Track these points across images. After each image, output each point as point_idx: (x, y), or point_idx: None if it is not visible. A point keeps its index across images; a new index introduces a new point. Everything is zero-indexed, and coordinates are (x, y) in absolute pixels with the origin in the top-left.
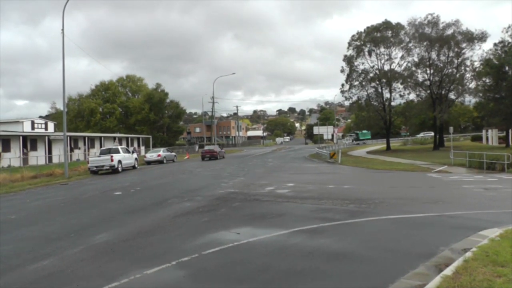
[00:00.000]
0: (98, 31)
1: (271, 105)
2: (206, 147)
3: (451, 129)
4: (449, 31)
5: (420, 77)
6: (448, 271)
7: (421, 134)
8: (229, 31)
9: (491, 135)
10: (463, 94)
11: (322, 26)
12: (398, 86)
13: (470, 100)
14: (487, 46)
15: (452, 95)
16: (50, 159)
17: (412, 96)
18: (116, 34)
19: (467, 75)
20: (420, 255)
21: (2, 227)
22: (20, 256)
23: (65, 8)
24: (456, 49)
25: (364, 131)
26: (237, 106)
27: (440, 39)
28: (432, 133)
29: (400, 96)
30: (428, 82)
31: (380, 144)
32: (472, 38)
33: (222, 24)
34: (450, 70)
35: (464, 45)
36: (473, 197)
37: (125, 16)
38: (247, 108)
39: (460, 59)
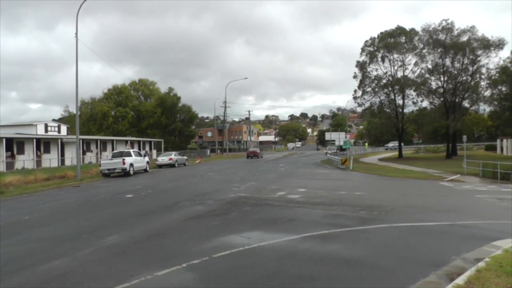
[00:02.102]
0: (110, 36)
1: (283, 110)
2: (251, 149)
3: (464, 138)
4: (464, 38)
5: (433, 84)
6: (460, 280)
7: (391, 144)
8: (240, 37)
9: (506, 145)
10: (477, 103)
11: (332, 33)
12: (411, 93)
13: (484, 108)
14: (504, 53)
15: (466, 103)
16: (62, 161)
17: (425, 103)
18: (128, 39)
19: (482, 83)
20: (431, 264)
21: (16, 228)
22: (33, 256)
23: (79, 13)
24: (471, 56)
25: (346, 140)
26: (249, 111)
27: (455, 45)
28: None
29: (413, 103)
30: (441, 90)
31: (392, 152)
32: (489, 45)
33: (233, 30)
34: (464, 78)
35: (479, 52)
36: (486, 207)
37: (137, 21)
38: (258, 113)
39: (475, 67)
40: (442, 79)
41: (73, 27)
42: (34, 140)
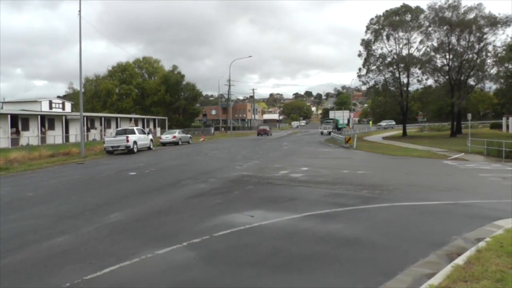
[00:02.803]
0: (114, 14)
1: (288, 88)
2: (261, 127)
3: (469, 116)
4: (471, 15)
5: (439, 62)
6: (459, 260)
7: (384, 123)
8: (244, 15)
9: None
10: (483, 80)
11: (336, 11)
12: (416, 71)
13: (490, 86)
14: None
15: (471, 81)
16: (67, 138)
17: (430, 81)
18: (132, 17)
19: (489, 61)
20: (431, 243)
21: (20, 204)
22: (36, 232)
23: None
24: (477, 34)
25: (349, 118)
26: (253, 89)
27: (461, 23)
28: (394, 122)
29: (418, 81)
30: (447, 68)
31: (396, 130)
32: (496, 22)
33: (237, 8)
34: (470, 56)
35: (486, 29)
36: (490, 186)
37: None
38: (263, 91)
39: (481, 44)
40: (447, 57)
41: (76, 5)
42: (39, 116)
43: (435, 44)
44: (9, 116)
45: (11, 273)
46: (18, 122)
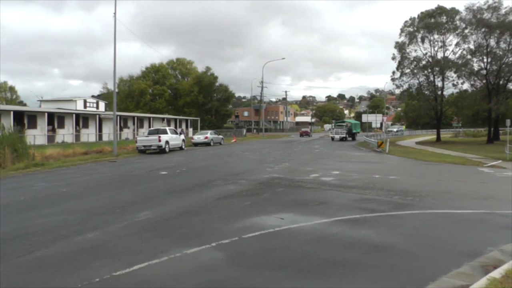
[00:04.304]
0: (148, 16)
1: (320, 91)
2: (303, 129)
3: (507, 122)
4: None
5: (475, 66)
6: (496, 273)
7: (395, 129)
8: (276, 17)
9: None
10: None
11: (368, 12)
12: (451, 74)
13: None
14: None
15: (511, 86)
16: (100, 136)
17: (466, 85)
18: (166, 19)
19: None
20: (465, 254)
21: (54, 199)
22: (68, 227)
23: None
24: None
25: (356, 122)
26: (286, 91)
27: (502, 25)
28: (403, 128)
29: (453, 85)
30: (484, 71)
31: (430, 135)
32: None
33: (269, 10)
34: (511, 59)
35: None
36: None
37: (174, 2)
38: (295, 93)
39: None
40: (485, 60)
41: (112, 7)
42: (74, 115)
43: (472, 47)
44: (46, 114)
45: (43, 265)
46: (54, 120)
